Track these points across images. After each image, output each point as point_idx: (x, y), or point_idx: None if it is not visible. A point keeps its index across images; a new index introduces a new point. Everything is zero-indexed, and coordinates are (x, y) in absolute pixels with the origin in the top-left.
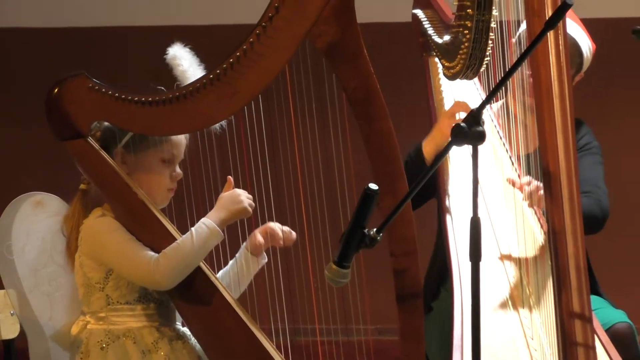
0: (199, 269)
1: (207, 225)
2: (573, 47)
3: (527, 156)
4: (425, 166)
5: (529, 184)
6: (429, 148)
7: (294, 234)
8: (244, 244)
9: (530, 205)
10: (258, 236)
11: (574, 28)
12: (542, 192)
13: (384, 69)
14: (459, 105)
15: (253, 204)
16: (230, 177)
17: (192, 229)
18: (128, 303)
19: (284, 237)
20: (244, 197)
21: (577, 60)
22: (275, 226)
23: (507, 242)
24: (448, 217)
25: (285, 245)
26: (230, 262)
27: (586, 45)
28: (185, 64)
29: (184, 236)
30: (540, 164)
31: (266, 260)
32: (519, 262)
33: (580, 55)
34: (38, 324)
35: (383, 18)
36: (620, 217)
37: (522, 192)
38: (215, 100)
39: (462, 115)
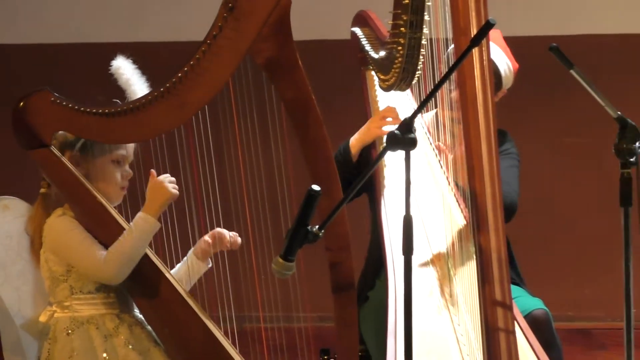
0: (151, 263)
1: (142, 218)
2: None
3: (455, 161)
4: (351, 160)
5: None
6: (355, 144)
7: (239, 238)
8: (192, 248)
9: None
10: (205, 242)
11: (493, 49)
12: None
13: (327, 81)
14: (388, 110)
15: (177, 187)
16: (152, 170)
17: (130, 224)
18: (90, 292)
19: (230, 241)
20: (166, 183)
21: (495, 80)
22: (223, 231)
23: (436, 238)
24: (383, 216)
25: (232, 248)
26: (180, 263)
27: (504, 64)
28: (128, 73)
29: (124, 232)
30: (467, 167)
31: (211, 265)
32: (447, 256)
33: (498, 75)
34: (9, 315)
35: (327, 36)
36: (537, 216)
37: (447, 156)
38: (165, 112)
39: (389, 118)
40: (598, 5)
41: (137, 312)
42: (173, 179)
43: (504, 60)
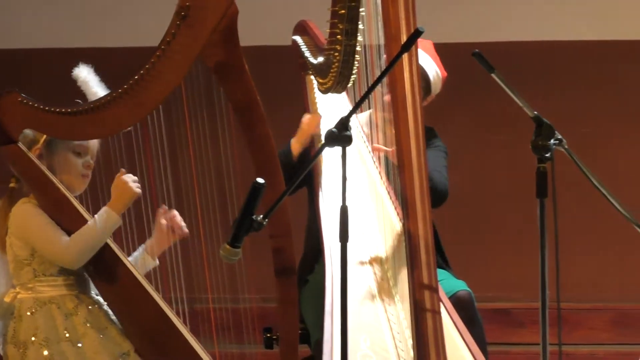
0: (110, 249)
1: (106, 212)
2: (421, 74)
3: (386, 157)
4: (292, 159)
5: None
6: (296, 146)
7: (186, 229)
8: (144, 244)
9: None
10: (154, 242)
11: (423, 57)
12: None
13: (271, 84)
14: (314, 118)
15: (139, 185)
16: (122, 169)
17: (95, 216)
18: (52, 275)
19: (179, 232)
20: (130, 182)
21: (423, 84)
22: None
23: (369, 227)
24: (321, 206)
25: (180, 237)
26: (135, 252)
27: (434, 71)
28: (88, 77)
29: (88, 222)
30: (397, 163)
31: (157, 264)
32: (379, 243)
33: (427, 80)
34: None
35: (271, 42)
36: (462, 205)
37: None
38: (123, 111)
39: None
40: (517, 15)
41: (94, 293)
42: (136, 178)
43: (433, 68)
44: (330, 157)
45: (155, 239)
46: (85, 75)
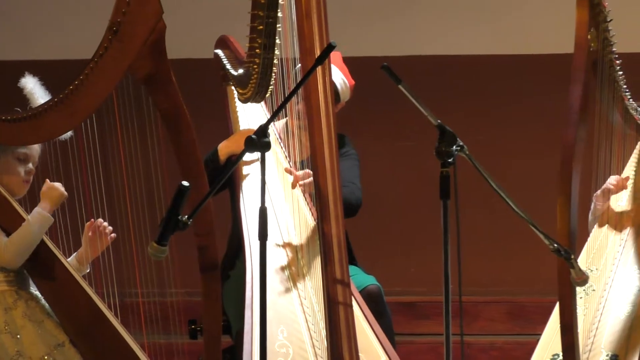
0: (47, 248)
1: (38, 212)
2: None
3: (302, 162)
4: (219, 163)
5: (303, 176)
6: (224, 151)
7: (114, 234)
8: (75, 252)
9: (304, 190)
10: (84, 252)
11: (332, 68)
12: (311, 179)
13: (196, 94)
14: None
15: (64, 191)
16: (47, 179)
17: (28, 217)
18: None
19: (106, 236)
20: (58, 186)
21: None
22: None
23: (286, 226)
24: (242, 207)
25: (107, 243)
26: (68, 260)
27: (340, 79)
28: (33, 87)
29: (23, 224)
30: (312, 167)
31: (88, 270)
32: (296, 241)
33: (335, 90)
34: None
35: (195, 55)
36: (373, 207)
37: (296, 180)
38: (59, 118)
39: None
40: (422, 31)
41: (33, 288)
42: (60, 184)
43: (339, 77)
44: (250, 160)
45: (84, 249)
46: (32, 87)
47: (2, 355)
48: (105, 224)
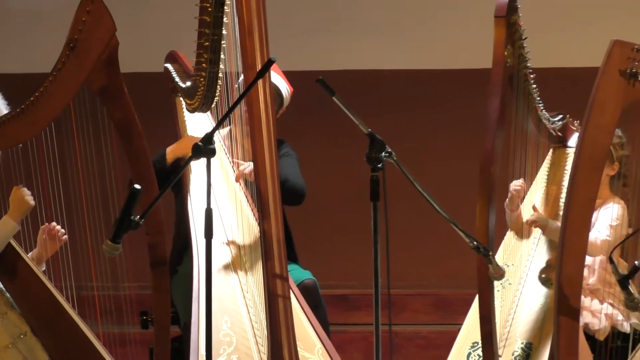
0: (11, 246)
1: (5, 221)
2: (275, 91)
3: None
4: (166, 165)
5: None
6: (171, 155)
7: (66, 237)
8: (30, 253)
9: (247, 176)
10: (37, 253)
11: (276, 77)
12: (251, 168)
13: (147, 105)
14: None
15: (32, 197)
16: (20, 185)
17: None
18: None
19: (59, 239)
20: (25, 194)
21: (278, 100)
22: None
23: (230, 225)
24: (189, 208)
25: (60, 244)
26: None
27: (284, 88)
28: None
29: None
30: (254, 171)
31: (44, 269)
32: (239, 239)
33: (281, 96)
34: None
35: (147, 69)
36: (311, 208)
37: (241, 173)
38: (21, 127)
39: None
40: (354, 47)
41: None
42: (29, 192)
43: (284, 86)
44: (197, 166)
45: (38, 250)
46: None
47: None
48: (58, 227)
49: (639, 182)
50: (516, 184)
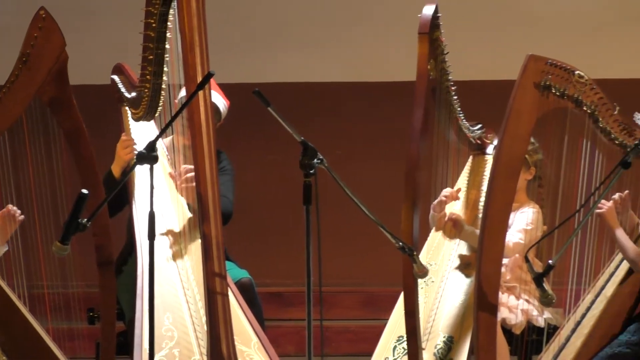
0: None
1: None
2: (213, 108)
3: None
4: (115, 180)
5: (185, 172)
6: (116, 169)
7: (22, 216)
8: None
9: (189, 184)
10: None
11: (214, 94)
12: (192, 174)
13: (95, 114)
14: (123, 140)
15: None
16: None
17: None
18: None
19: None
20: (19, 219)
21: (217, 116)
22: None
23: (172, 227)
24: (134, 211)
25: (18, 223)
26: None
27: (222, 104)
28: None
29: None
30: (195, 177)
31: (7, 249)
32: (180, 240)
33: (218, 112)
34: None
35: (95, 81)
36: (248, 212)
37: (179, 181)
38: None
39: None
40: (287, 61)
41: None
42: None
43: (222, 102)
44: (141, 172)
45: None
46: None
47: None
48: (15, 208)
49: (553, 185)
50: (447, 192)
